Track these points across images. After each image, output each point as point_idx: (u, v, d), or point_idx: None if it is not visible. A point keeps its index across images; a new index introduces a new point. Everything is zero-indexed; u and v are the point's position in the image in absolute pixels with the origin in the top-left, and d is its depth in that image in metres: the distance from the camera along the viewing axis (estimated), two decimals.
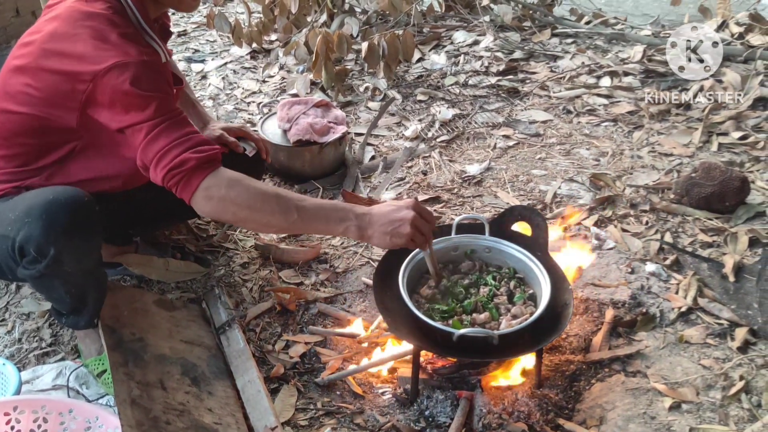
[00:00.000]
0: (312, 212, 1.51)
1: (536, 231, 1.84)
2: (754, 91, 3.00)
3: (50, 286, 1.63)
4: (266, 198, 1.50)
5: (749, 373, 1.70)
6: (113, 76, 1.44)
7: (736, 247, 2.13)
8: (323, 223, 1.53)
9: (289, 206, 1.50)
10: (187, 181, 1.47)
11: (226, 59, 3.98)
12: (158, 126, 1.46)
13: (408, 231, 1.51)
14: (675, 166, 2.65)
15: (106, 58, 1.44)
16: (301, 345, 1.93)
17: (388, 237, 1.52)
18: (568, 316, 1.61)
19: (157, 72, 1.52)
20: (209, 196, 1.48)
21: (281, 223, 1.52)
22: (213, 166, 1.49)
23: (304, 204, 1.51)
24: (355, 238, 1.54)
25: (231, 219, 1.56)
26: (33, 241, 1.48)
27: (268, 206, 1.49)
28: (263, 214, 1.50)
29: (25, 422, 1.51)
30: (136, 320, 1.81)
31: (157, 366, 1.69)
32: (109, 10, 1.53)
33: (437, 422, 1.68)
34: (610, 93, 3.24)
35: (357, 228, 1.52)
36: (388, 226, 1.51)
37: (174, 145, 1.46)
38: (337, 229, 1.53)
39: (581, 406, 1.71)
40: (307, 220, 1.52)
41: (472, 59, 3.69)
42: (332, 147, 2.73)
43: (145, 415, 1.49)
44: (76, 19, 1.51)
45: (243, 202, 1.48)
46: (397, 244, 1.53)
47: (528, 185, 2.62)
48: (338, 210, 1.53)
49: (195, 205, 1.50)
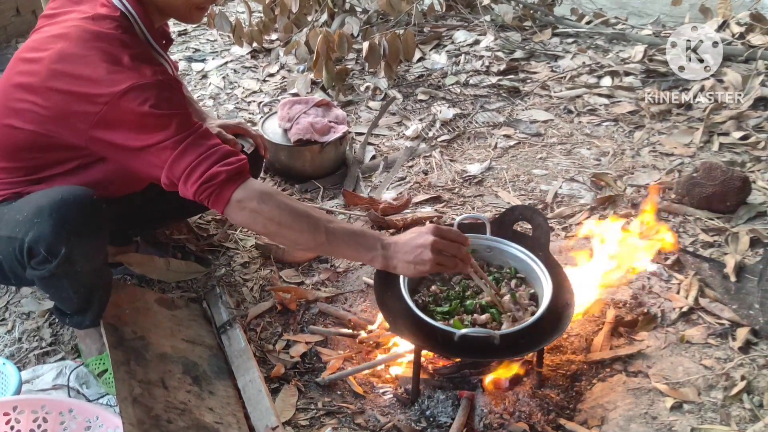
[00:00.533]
0: (340, 237, 1.51)
1: (537, 231, 1.83)
2: (755, 91, 3.00)
3: (59, 286, 1.62)
4: (297, 216, 1.49)
5: (751, 373, 1.69)
6: (131, 98, 1.43)
7: (737, 247, 2.13)
8: (351, 249, 1.53)
9: (319, 227, 1.49)
10: (218, 194, 1.47)
11: (226, 58, 3.98)
12: (182, 142, 1.46)
13: (430, 257, 1.49)
14: (676, 166, 2.65)
15: (121, 81, 1.43)
16: (302, 345, 1.93)
17: (412, 266, 1.51)
18: (570, 316, 1.61)
19: (173, 90, 1.52)
20: (242, 207, 1.48)
21: (309, 242, 1.52)
22: (243, 178, 1.49)
23: (334, 227, 1.51)
24: (380, 268, 1.54)
25: (261, 231, 1.59)
26: (43, 241, 1.47)
27: (298, 224, 1.49)
28: (292, 232, 1.50)
29: (25, 422, 1.51)
30: (138, 319, 1.81)
31: (158, 365, 1.68)
32: (118, 30, 1.52)
33: (438, 422, 1.68)
34: (611, 93, 3.24)
35: (383, 258, 1.51)
36: (410, 255, 1.50)
37: (201, 160, 1.46)
38: (363, 257, 1.54)
39: (582, 406, 1.71)
40: (335, 243, 1.51)
41: (473, 59, 3.69)
42: (333, 146, 2.73)
43: (147, 414, 1.48)
44: (86, 40, 1.48)
45: (274, 217, 1.49)
46: (423, 271, 1.52)
47: (529, 185, 2.62)
48: (367, 238, 1.53)
49: (228, 216, 1.52)
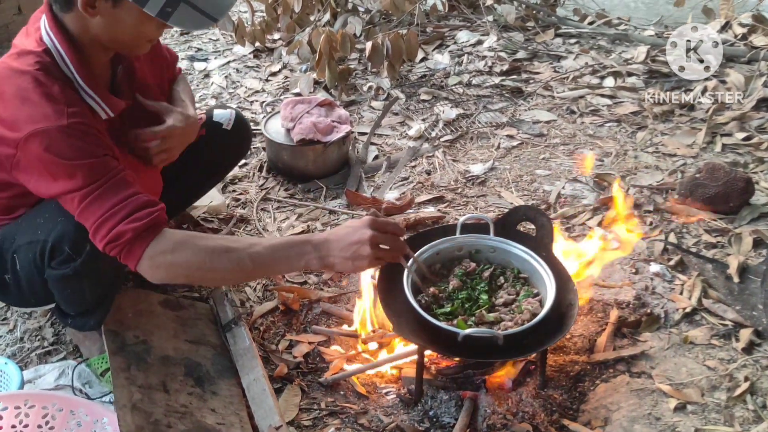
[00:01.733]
0: (268, 257, 1.44)
1: (541, 231, 1.83)
2: (757, 92, 2.99)
3: (77, 287, 1.60)
4: (215, 254, 1.41)
5: (754, 374, 1.69)
6: (33, 145, 1.36)
7: (740, 247, 2.12)
8: (283, 263, 1.46)
9: (242, 257, 1.42)
10: (128, 252, 1.39)
11: (229, 58, 3.98)
12: (90, 195, 1.37)
13: (368, 252, 1.42)
14: (679, 166, 2.64)
15: (25, 124, 1.36)
16: (305, 345, 1.93)
17: (350, 262, 1.44)
18: (573, 316, 1.61)
19: (82, 135, 1.39)
20: (155, 265, 1.40)
21: (238, 275, 1.47)
22: (154, 233, 1.40)
23: (257, 250, 1.43)
24: (318, 269, 1.49)
25: (184, 281, 1.50)
26: (68, 237, 1.47)
27: (219, 263, 1.41)
28: (217, 272, 1.43)
29: (34, 417, 1.51)
30: (141, 322, 1.81)
31: (160, 368, 1.68)
32: (36, 66, 1.41)
33: (441, 422, 1.68)
34: (614, 93, 3.23)
35: (318, 259, 1.44)
36: (347, 251, 1.43)
37: (108, 216, 1.38)
38: (298, 264, 1.46)
39: (586, 407, 1.71)
40: (265, 265, 1.46)
41: (476, 59, 3.69)
42: (336, 146, 2.73)
43: (146, 420, 1.48)
44: (4, 77, 1.42)
45: (192, 264, 1.41)
46: (362, 266, 1.46)
47: (532, 185, 2.62)
48: (295, 246, 1.46)
49: (143, 274, 1.42)
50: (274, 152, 2.77)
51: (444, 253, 1.83)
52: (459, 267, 1.81)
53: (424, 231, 1.98)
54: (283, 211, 2.58)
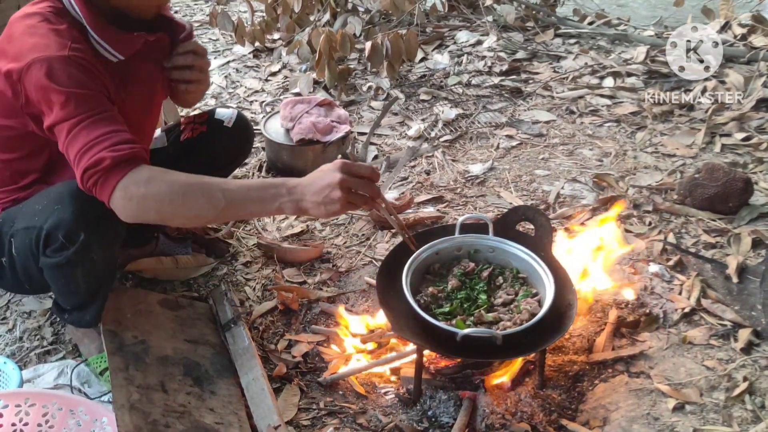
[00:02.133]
0: (241, 195, 1.42)
1: (540, 231, 1.83)
2: (757, 93, 2.99)
3: (70, 276, 1.61)
4: (188, 189, 1.40)
5: (753, 374, 1.69)
6: (34, 71, 1.41)
7: (739, 248, 2.12)
8: (256, 204, 1.43)
9: (213, 193, 1.40)
10: (104, 181, 1.38)
11: (228, 58, 3.98)
12: (79, 124, 1.40)
13: (339, 195, 1.38)
14: (678, 166, 2.64)
15: (28, 53, 1.42)
16: (304, 344, 1.93)
17: (322, 207, 1.40)
18: (572, 316, 1.61)
19: (81, 68, 1.44)
20: (128, 196, 1.38)
21: (210, 212, 1.42)
22: (132, 165, 1.39)
23: (230, 187, 1.42)
24: (291, 213, 1.45)
25: (155, 218, 1.45)
26: (63, 226, 1.48)
27: (192, 197, 1.39)
28: (188, 207, 1.41)
29: (34, 416, 1.51)
30: (139, 322, 1.81)
31: (158, 368, 1.68)
32: (49, 8, 1.50)
33: (440, 422, 1.68)
34: (613, 93, 3.23)
35: (292, 202, 1.41)
36: (318, 195, 1.40)
37: (93, 144, 1.38)
38: (271, 207, 1.43)
39: (584, 407, 1.71)
40: (238, 203, 1.42)
41: (475, 59, 3.69)
42: (335, 146, 2.73)
43: (144, 420, 1.48)
44: (17, 19, 1.51)
45: (164, 197, 1.38)
46: (334, 211, 1.41)
47: (531, 185, 2.62)
48: (269, 187, 1.43)
49: (115, 208, 1.41)
50: (274, 152, 2.77)
51: (443, 253, 1.83)
52: (458, 267, 1.81)
53: (424, 231, 1.98)
54: None
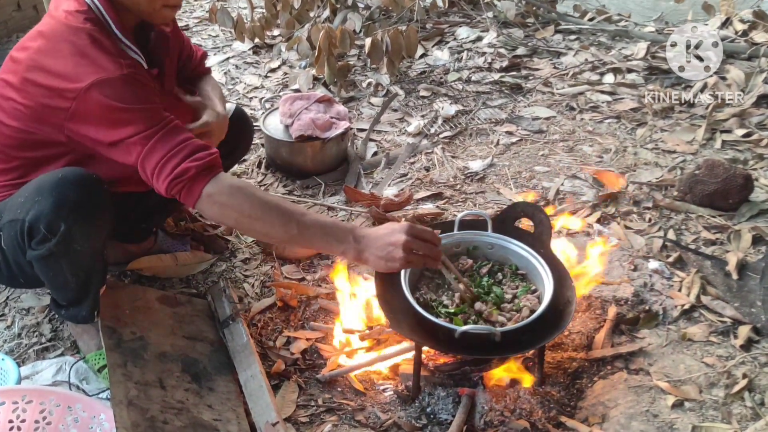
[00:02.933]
0: (313, 229, 1.51)
1: (539, 227, 1.83)
2: (757, 89, 2.98)
3: (57, 269, 1.61)
4: (268, 209, 1.50)
5: (752, 371, 1.69)
6: (95, 92, 1.45)
7: (739, 244, 2.12)
8: (323, 242, 1.53)
9: (291, 219, 1.50)
10: (189, 189, 1.48)
11: (228, 54, 3.97)
12: (152, 138, 1.47)
13: (401, 255, 1.49)
14: (678, 163, 2.64)
15: (86, 75, 1.45)
16: (303, 341, 1.93)
17: (383, 261, 1.51)
18: (571, 313, 1.60)
19: (139, 84, 1.52)
20: (213, 202, 1.49)
21: (280, 235, 1.52)
22: (213, 172, 1.50)
23: (305, 220, 1.51)
24: (352, 260, 1.56)
25: (233, 224, 1.62)
26: (44, 217, 1.49)
27: (269, 217, 1.50)
28: (263, 225, 1.50)
29: (31, 412, 1.51)
30: (138, 319, 1.81)
31: (157, 364, 1.68)
32: (87, 23, 1.53)
33: (439, 419, 1.67)
34: (614, 90, 3.23)
35: (355, 251, 1.51)
36: (382, 251, 1.50)
37: (171, 156, 1.47)
38: (335, 249, 1.54)
39: (583, 404, 1.70)
40: (307, 236, 1.52)
41: (475, 55, 3.68)
42: (334, 143, 2.72)
43: (142, 416, 1.48)
44: (59, 34, 1.52)
45: (245, 210, 1.49)
46: (393, 267, 1.52)
47: (531, 182, 2.61)
48: (339, 230, 1.53)
49: (200, 210, 1.54)
50: (273, 148, 2.77)
51: (442, 250, 1.82)
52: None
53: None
54: None
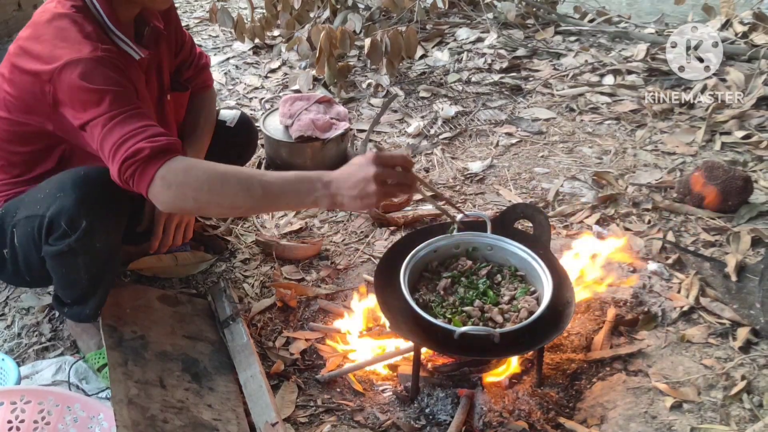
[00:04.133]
0: (278, 186, 1.42)
1: (538, 229, 1.83)
2: (757, 90, 2.99)
3: (72, 266, 1.61)
4: (226, 178, 1.41)
5: (751, 373, 1.69)
6: (67, 73, 1.44)
7: (738, 246, 2.12)
8: (291, 196, 1.43)
9: (252, 183, 1.41)
10: (142, 171, 1.40)
11: (228, 54, 3.97)
12: (114, 119, 1.43)
13: (374, 188, 1.38)
14: (678, 165, 2.64)
15: (60, 56, 1.45)
16: (302, 342, 1.93)
17: (358, 200, 1.40)
18: (570, 314, 1.60)
19: (113, 66, 1.49)
20: (167, 184, 1.40)
21: (247, 202, 1.43)
22: (169, 154, 1.42)
23: (268, 179, 1.42)
24: (326, 207, 1.45)
25: (192, 206, 1.49)
26: (65, 213, 1.50)
27: (230, 186, 1.40)
28: (225, 196, 1.41)
29: (30, 412, 1.51)
30: (138, 318, 1.81)
31: (157, 364, 1.68)
32: (73, 9, 1.53)
33: (437, 420, 1.68)
34: (614, 91, 3.23)
35: (327, 197, 1.41)
36: (354, 190, 1.39)
37: (129, 137, 1.41)
38: (306, 200, 1.43)
39: (582, 405, 1.70)
40: (274, 195, 1.42)
41: (475, 56, 3.68)
42: (334, 143, 2.73)
43: (142, 415, 1.48)
44: (44, 20, 1.53)
45: (202, 185, 1.40)
46: (370, 204, 1.41)
47: (530, 183, 2.62)
48: (305, 181, 1.42)
49: (153, 197, 1.42)
50: (273, 149, 2.77)
51: (441, 251, 1.82)
52: (448, 270, 1.80)
53: (422, 228, 1.98)
54: None
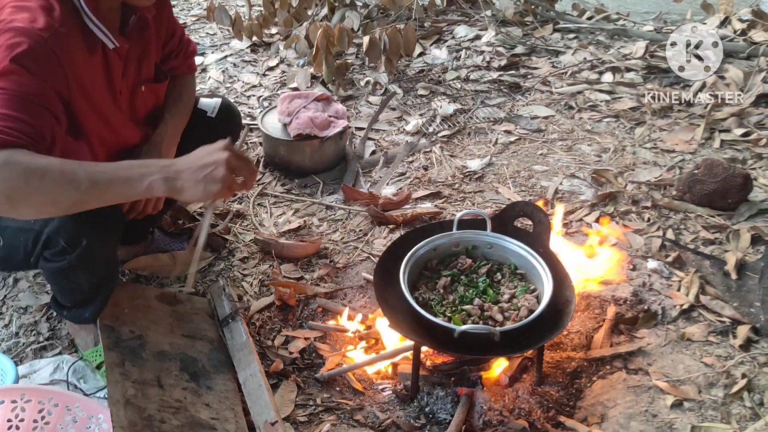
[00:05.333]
0: (107, 175, 1.29)
1: (538, 227, 1.83)
2: (756, 88, 2.98)
3: (72, 278, 1.60)
4: (47, 170, 1.24)
5: (751, 371, 1.69)
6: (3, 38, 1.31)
7: (738, 244, 2.12)
8: (122, 184, 1.30)
9: (77, 175, 1.26)
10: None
11: (226, 52, 3.96)
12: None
13: (222, 173, 1.30)
14: (677, 162, 2.64)
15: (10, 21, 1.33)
16: (301, 340, 1.92)
17: (201, 185, 1.31)
18: (570, 313, 1.60)
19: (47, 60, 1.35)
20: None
21: (70, 194, 1.27)
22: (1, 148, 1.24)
23: (97, 169, 1.29)
24: (163, 193, 1.33)
25: (8, 208, 1.28)
26: (64, 232, 1.47)
27: (50, 178, 1.24)
28: (46, 192, 1.24)
29: (30, 412, 1.51)
30: (137, 317, 1.80)
31: (155, 363, 1.67)
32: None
33: (437, 419, 1.67)
34: (612, 89, 3.22)
35: (163, 180, 1.30)
36: (199, 173, 1.31)
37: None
38: (139, 186, 1.30)
39: (582, 404, 1.70)
40: (103, 185, 1.29)
41: (474, 54, 3.67)
42: (333, 141, 2.72)
43: (139, 415, 1.48)
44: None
45: (18, 177, 1.22)
46: (213, 191, 1.32)
47: (529, 181, 2.61)
48: (137, 166, 1.31)
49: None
50: (271, 147, 2.76)
51: (441, 249, 1.82)
52: (448, 269, 1.80)
53: (421, 227, 1.97)
54: (279, 206, 2.57)
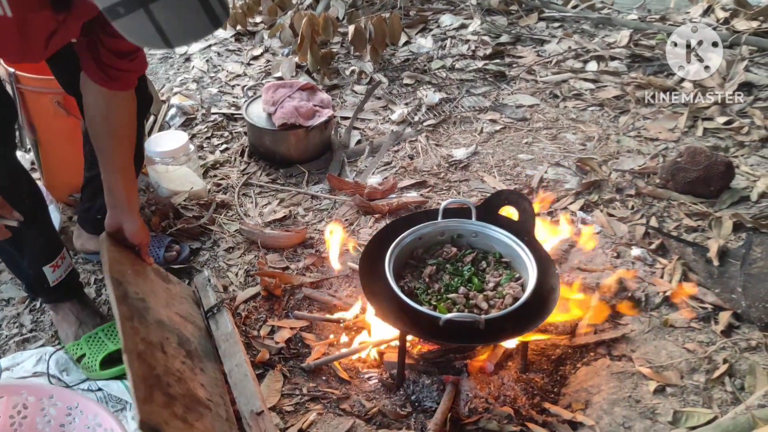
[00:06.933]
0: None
1: (523, 215, 1.83)
2: (738, 77, 3.00)
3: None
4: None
5: (732, 356, 1.71)
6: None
7: (720, 231, 2.14)
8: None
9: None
10: None
11: (210, 41, 3.92)
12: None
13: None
14: (660, 150, 2.65)
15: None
16: (287, 330, 1.92)
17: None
18: (555, 300, 1.61)
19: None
20: None
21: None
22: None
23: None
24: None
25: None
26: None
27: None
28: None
29: (4, 408, 1.49)
30: (138, 281, 1.77)
31: (157, 330, 1.65)
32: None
33: (423, 407, 1.68)
34: (597, 77, 3.23)
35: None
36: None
37: None
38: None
39: (567, 390, 1.72)
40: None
41: (459, 43, 3.67)
42: (318, 131, 2.71)
43: (150, 372, 1.46)
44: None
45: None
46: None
47: (514, 170, 2.62)
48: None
49: None
50: (256, 137, 2.74)
51: (426, 238, 1.82)
52: (433, 257, 1.80)
53: (407, 216, 1.97)
54: (264, 196, 2.56)
